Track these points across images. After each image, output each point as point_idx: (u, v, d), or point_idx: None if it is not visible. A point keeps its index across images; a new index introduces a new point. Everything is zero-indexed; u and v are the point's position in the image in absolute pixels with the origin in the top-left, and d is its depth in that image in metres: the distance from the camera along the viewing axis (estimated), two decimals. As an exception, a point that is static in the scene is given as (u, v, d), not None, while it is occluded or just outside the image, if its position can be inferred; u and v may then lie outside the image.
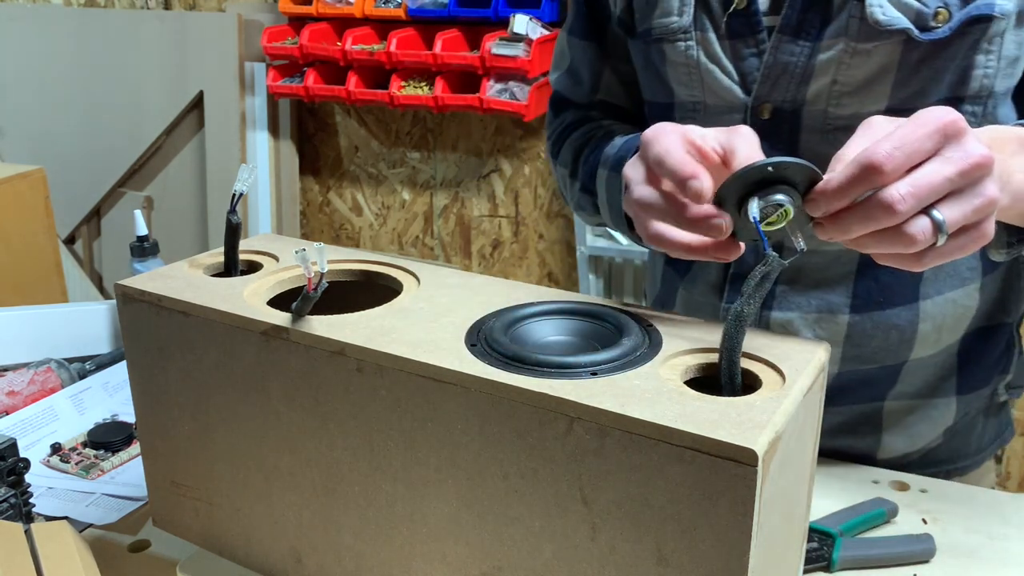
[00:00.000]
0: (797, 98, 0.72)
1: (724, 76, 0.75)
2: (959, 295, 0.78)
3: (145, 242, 1.24)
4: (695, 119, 0.77)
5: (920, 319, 0.78)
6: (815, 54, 0.70)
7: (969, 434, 0.88)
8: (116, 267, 2.78)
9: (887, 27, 0.66)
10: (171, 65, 2.52)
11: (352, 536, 0.58)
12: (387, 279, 0.66)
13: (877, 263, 0.53)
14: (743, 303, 0.49)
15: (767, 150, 0.73)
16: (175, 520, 0.69)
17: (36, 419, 0.94)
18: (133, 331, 0.65)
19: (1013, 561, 0.70)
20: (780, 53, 0.71)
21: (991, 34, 0.67)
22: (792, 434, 0.47)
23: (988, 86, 0.70)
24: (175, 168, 2.65)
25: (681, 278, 0.88)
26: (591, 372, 0.49)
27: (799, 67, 0.70)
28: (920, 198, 0.49)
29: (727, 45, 0.74)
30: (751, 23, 0.72)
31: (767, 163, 0.51)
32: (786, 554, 0.54)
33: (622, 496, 0.45)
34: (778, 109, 0.73)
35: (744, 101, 0.74)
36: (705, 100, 0.77)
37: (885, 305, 0.77)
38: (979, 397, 0.85)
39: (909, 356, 0.80)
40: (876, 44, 0.67)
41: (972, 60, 0.68)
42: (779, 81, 0.72)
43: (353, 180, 2.61)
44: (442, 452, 0.51)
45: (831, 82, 0.70)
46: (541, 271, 2.45)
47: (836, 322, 0.78)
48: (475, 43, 2.15)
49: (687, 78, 0.77)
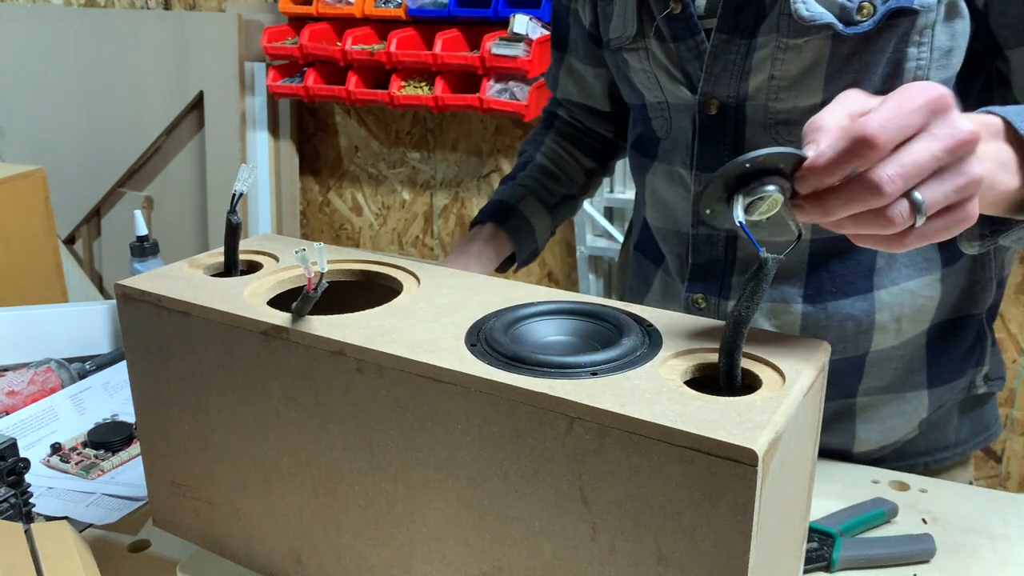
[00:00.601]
0: (739, 94, 0.75)
1: (670, 79, 0.80)
2: (916, 285, 0.79)
3: (145, 242, 1.24)
4: (664, 118, 0.84)
5: (876, 309, 0.79)
6: (751, 51, 0.73)
7: (945, 427, 0.88)
8: (116, 267, 2.78)
9: (811, 22, 0.69)
10: (171, 65, 2.52)
11: (352, 536, 0.58)
12: (387, 279, 0.66)
13: (829, 254, 0.53)
14: (740, 306, 0.49)
15: (715, 145, 0.79)
16: (175, 520, 0.69)
17: (36, 419, 0.94)
18: (133, 331, 0.65)
19: (1013, 561, 0.70)
20: (719, 52, 0.75)
21: (920, 26, 0.69)
22: (792, 434, 0.47)
23: (923, 77, 0.71)
24: (175, 168, 2.65)
25: (656, 266, 0.92)
26: (591, 372, 0.49)
27: (737, 64, 0.74)
28: (907, 178, 0.48)
29: (670, 49, 0.78)
30: (689, 26, 0.76)
31: (743, 159, 0.49)
32: (786, 554, 0.54)
33: (622, 496, 0.45)
34: (723, 105, 0.77)
35: (692, 99, 0.78)
36: (667, 100, 0.83)
37: (838, 295, 0.79)
38: (953, 389, 0.86)
39: (870, 347, 0.81)
40: (805, 39, 0.70)
41: (904, 53, 0.70)
42: (720, 78, 0.76)
43: (353, 180, 2.61)
44: (442, 452, 0.51)
45: (768, 77, 0.73)
46: (541, 271, 2.45)
47: (790, 312, 0.80)
48: (475, 43, 2.15)
49: (648, 82, 0.83)
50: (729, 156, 0.78)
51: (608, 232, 2.17)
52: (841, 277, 0.79)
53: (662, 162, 0.86)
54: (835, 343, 0.80)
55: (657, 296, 0.93)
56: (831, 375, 0.80)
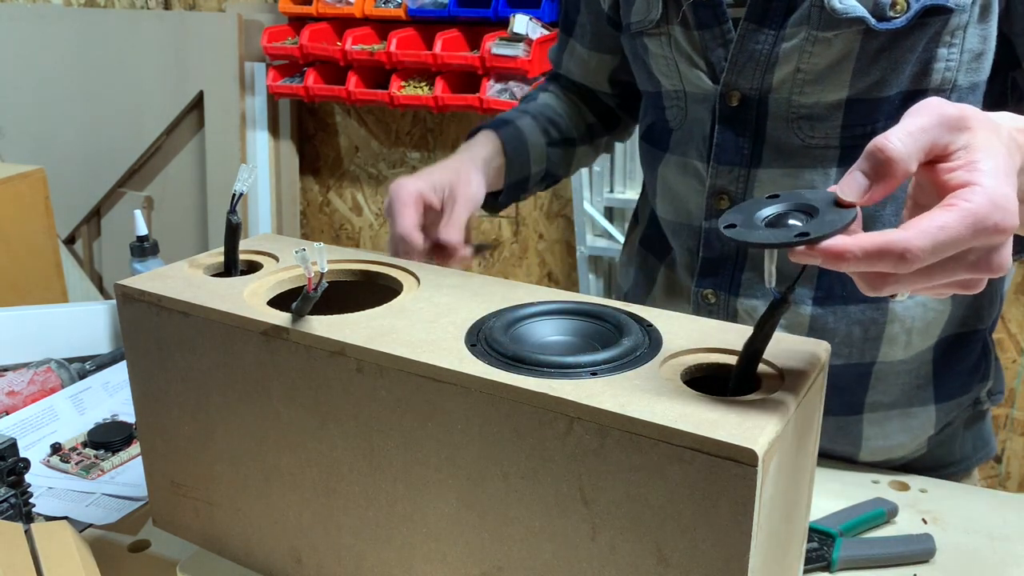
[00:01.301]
0: (763, 86, 0.74)
1: (692, 67, 0.78)
2: (928, 299, 0.78)
3: (145, 242, 1.24)
4: (680, 107, 0.83)
5: (888, 319, 0.78)
6: (779, 42, 0.72)
7: (952, 444, 0.88)
8: (116, 267, 2.78)
9: (844, 15, 0.68)
10: (171, 65, 2.52)
11: (352, 536, 0.58)
12: (387, 279, 0.66)
13: None
14: (756, 339, 0.48)
15: (735, 137, 0.77)
16: (175, 520, 0.69)
17: (36, 419, 0.94)
18: (133, 331, 0.65)
19: (1013, 561, 0.70)
20: (746, 41, 0.73)
21: (952, 27, 0.68)
22: (792, 434, 0.47)
23: (950, 79, 0.70)
24: (175, 168, 2.65)
25: (660, 261, 0.91)
26: (591, 372, 0.49)
27: (764, 55, 0.73)
28: (935, 254, 0.44)
29: (695, 36, 0.77)
30: (716, 14, 0.75)
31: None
32: (786, 554, 0.54)
33: (622, 496, 0.45)
34: (745, 97, 0.75)
35: (713, 89, 0.77)
36: (684, 89, 0.81)
37: (849, 300, 0.78)
38: (960, 406, 0.85)
39: (877, 357, 0.80)
40: (836, 33, 0.69)
41: (934, 53, 0.69)
42: (745, 69, 0.74)
43: (353, 180, 2.61)
44: (442, 452, 0.51)
45: (794, 70, 0.72)
46: (541, 271, 2.45)
47: (799, 313, 0.79)
48: (475, 43, 2.15)
49: (667, 69, 0.81)
50: (749, 149, 0.77)
51: (608, 232, 2.17)
52: (854, 282, 0.77)
53: (674, 153, 0.85)
54: (841, 347, 0.79)
55: (661, 293, 0.92)
56: (836, 383, 0.80)
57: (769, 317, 0.48)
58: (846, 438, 0.84)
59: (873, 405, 0.82)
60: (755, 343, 0.49)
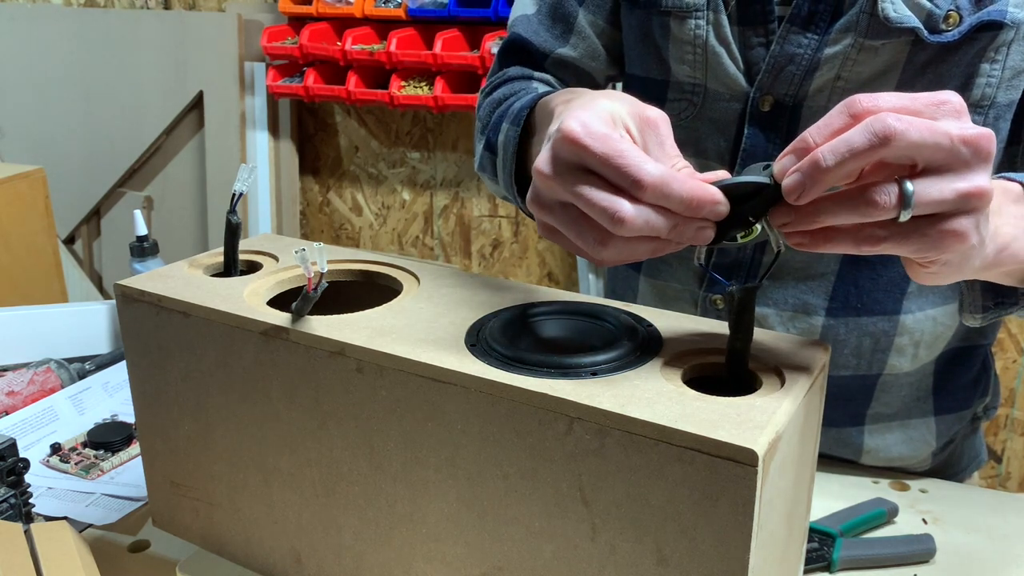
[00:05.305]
0: (799, 92, 0.71)
1: (731, 62, 0.74)
2: (939, 313, 0.78)
3: (145, 242, 1.24)
4: (692, 102, 0.76)
5: (898, 332, 0.77)
6: (822, 47, 0.69)
7: (951, 456, 0.88)
8: (116, 267, 2.78)
9: (897, 25, 0.65)
10: (171, 65, 2.52)
11: (352, 536, 0.58)
12: (387, 279, 0.66)
13: (858, 267, 0.51)
14: (734, 339, 0.49)
15: (764, 143, 0.73)
16: (175, 520, 0.69)
17: (36, 419, 0.94)
18: (133, 331, 0.65)
19: (1013, 561, 0.70)
20: (787, 44, 0.70)
21: (998, 43, 0.67)
22: (792, 434, 0.47)
23: (990, 95, 0.69)
24: (175, 168, 2.65)
25: (636, 272, 0.87)
26: (591, 372, 0.49)
27: (805, 59, 0.70)
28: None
29: (736, 31, 0.73)
30: (764, 11, 0.71)
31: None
32: (786, 554, 0.54)
33: (622, 496, 0.45)
34: (779, 103, 0.72)
35: (746, 91, 0.73)
36: (707, 84, 0.75)
37: (863, 312, 0.77)
38: (961, 420, 0.85)
39: (884, 369, 0.79)
40: (884, 42, 0.67)
41: (977, 68, 0.68)
42: (783, 72, 0.71)
43: (353, 180, 2.60)
44: (442, 452, 0.51)
45: (835, 77, 0.70)
46: (541, 271, 2.45)
47: (810, 322, 0.78)
48: (475, 43, 2.15)
49: (691, 58, 0.75)
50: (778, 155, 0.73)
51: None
52: (869, 294, 0.76)
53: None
54: (850, 358, 0.78)
55: (648, 302, 0.87)
56: (841, 394, 0.80)
57: (732, 313, 0.48)
58: (846, 448, 0.84)
59: (875, 416, 0.82)
60: (735, 342, 0.49)
